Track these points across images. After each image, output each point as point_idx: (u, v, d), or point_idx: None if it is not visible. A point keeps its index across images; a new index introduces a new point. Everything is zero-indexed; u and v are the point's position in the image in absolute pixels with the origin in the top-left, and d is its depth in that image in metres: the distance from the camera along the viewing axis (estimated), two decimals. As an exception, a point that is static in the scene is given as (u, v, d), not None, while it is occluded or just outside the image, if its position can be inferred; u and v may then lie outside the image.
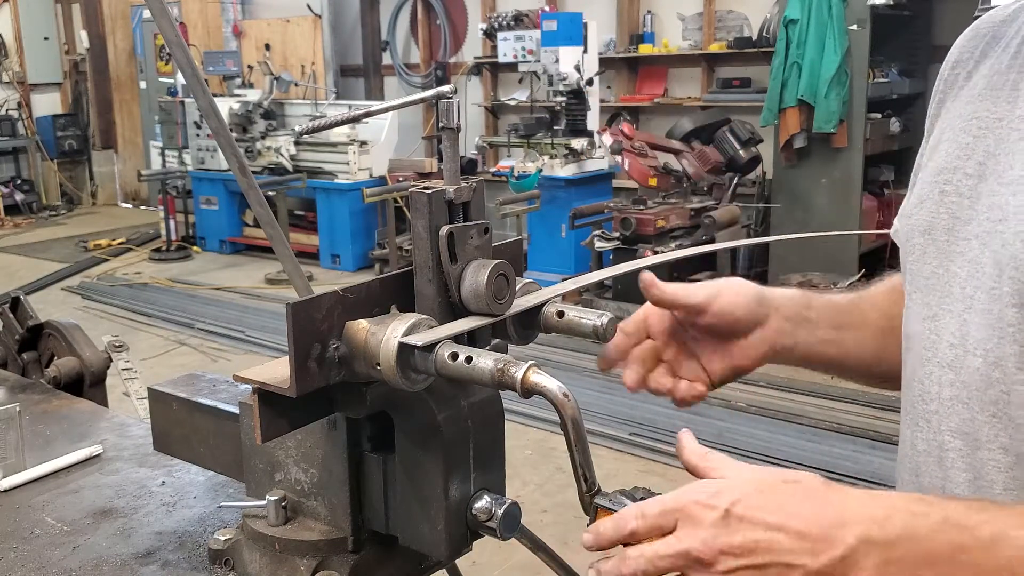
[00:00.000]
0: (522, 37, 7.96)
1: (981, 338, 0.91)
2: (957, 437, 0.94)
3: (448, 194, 0.99)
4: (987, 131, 0.97)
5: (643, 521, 0.81)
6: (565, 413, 0.88)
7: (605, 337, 1.05)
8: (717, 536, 0.76)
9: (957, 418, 0.94)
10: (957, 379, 0.94)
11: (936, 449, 0.97)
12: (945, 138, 1.03)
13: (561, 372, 5.64)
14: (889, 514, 0.74)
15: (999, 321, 0.89)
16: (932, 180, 1.02)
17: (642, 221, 6.06)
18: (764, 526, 0.75)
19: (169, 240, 9.76)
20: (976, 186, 0.96)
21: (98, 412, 1.71)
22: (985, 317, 0.91)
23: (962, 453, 0.94)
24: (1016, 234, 0.88)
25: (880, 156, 6.64)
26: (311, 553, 1.07)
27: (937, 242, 0.99)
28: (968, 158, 0.98)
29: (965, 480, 0.93)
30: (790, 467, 4.37)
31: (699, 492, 0.81)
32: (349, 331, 0.94)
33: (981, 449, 0.92)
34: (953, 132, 1.02)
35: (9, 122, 12.88)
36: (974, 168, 0.97)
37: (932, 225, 1.00)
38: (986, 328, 0.91)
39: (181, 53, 1.21)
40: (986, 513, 0.72)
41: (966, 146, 0.99)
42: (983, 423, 0.91)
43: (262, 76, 9.75)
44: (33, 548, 1.21)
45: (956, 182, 0.98)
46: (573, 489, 0.91)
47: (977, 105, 1.00)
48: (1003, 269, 0.89)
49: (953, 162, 0.99)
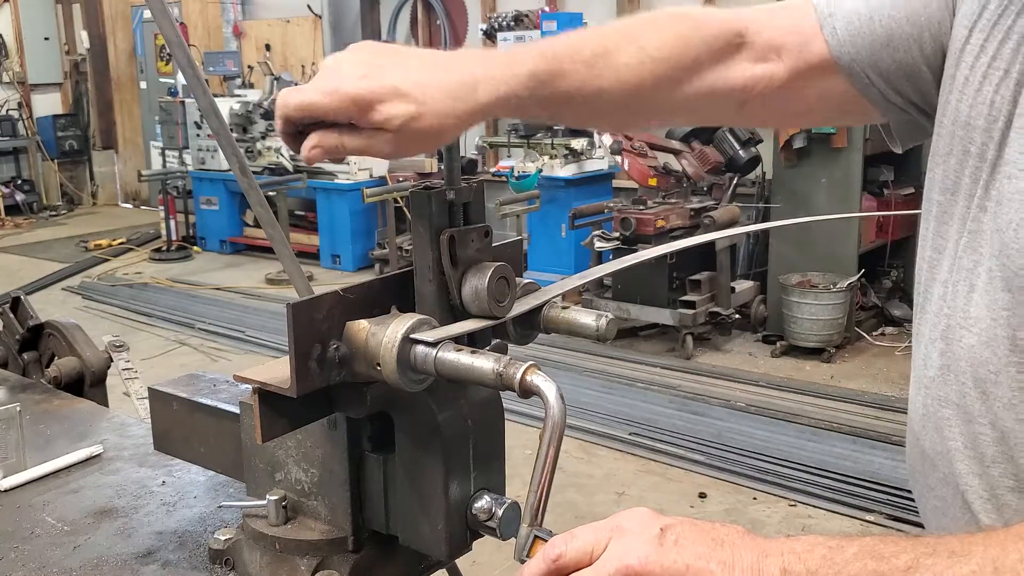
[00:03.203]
0: (522, 37, 7.95)
1: (977, 316, 0.93)
2: (948, 406, 0.96)
3: (448, 194, 0.99)
4: (1012, 93, 0.91)
5: (573, 541, 0.80)
6: (552, 417, 0.85)
7: (605, 337, 1.05)
8: (651, 555, 0.76)
9: (948, 388, 0.96)
10: (948, 350, 0.96)
11: (933, 416, 0.99)
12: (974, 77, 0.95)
13: (561, 372, 5.64)
14: (809, 547, 0.76)
15: (994, 302, 0.91)
16: (956, 133, 0.97)
17: (642, 221, 6.06)
18: (694, 554, 0.76)
19: (169, 240, 9.76)
20: (997, 159, 0.92)
21: (98, 412, 1.71)
22: (982, 296, 0.92)
23: (953, 423, 0.96)
24: (1008, 221, 0.89)
25: (880, 156, 6.62)
26: (311, 553, 1.07)
27: (957, 206, 0.97)
28: (995, 120, 0.93)
29: (960, 448, 0.96)
30: (790, 467, 4.38)
31: (631, 515, 0.81)
32: (349, 331, 0.94)
33: (973, 422, 0.94)
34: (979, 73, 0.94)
35: (9, 122, 12.88)
36: (1000, 133, 0.92)
37: (955, 186, 0.97)
38: (983, 307, 0.92)
39: (181, 53, 1.21)
40: (898, 545, 0.74)
41: (992, 104, 0.93)
42: (974, 398, 0.93)
43: (262, 76, 9.75)
44: (34, 548, 1.21)
45: (980, 144, 0.94)
46: (573, 489, 0.90)
47: (1002, 49, 0.93)
48: (999, 251, 0.90)
49: (978, 120, 0.94)
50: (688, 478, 4.42)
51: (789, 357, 6.06)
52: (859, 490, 4.14)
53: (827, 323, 5.91)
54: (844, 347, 6.07)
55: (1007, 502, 0.94)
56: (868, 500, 4.07)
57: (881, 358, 6.02)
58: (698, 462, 4.52)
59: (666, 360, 6.05)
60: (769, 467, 4.40)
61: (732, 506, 4.15)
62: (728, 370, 5.84)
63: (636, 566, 0.75)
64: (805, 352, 6.02)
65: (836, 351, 5.98)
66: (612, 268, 1.27)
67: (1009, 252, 0.88)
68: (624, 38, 1.08)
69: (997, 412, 0.92)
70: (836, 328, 5.94)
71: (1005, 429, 0.91)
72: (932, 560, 0.72)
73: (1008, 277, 0.89)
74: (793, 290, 5.98)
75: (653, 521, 0.79)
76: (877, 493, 4.09)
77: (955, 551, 0.73)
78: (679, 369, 5.88)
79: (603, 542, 0.78)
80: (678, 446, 4.67)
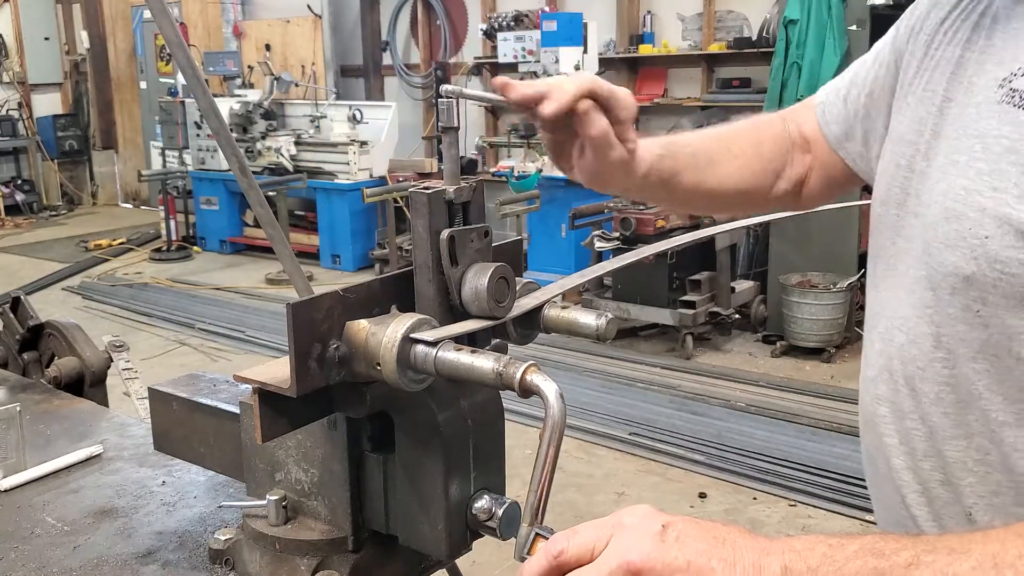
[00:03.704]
0: (522, 37, 7.96)
1: (905, 315, 0.99)
2: (883, 404, 1.03)
3: (448, 194, 0.99)
4: (938, 108, 1.01)
5: (575, 538, 0.79)
6: (552, 417, 0.84)
7: (605, 337, 1.05)
8: (652, 551, 0.76)
9: (884, 386, 1.02)
10: (884, 350, 1.02)
11: (871, 415, 1.05)
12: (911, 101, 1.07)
13: (561, 372, 5.64)
14: (810, 545, 0.76)
15: (919, 301, 0.97)
16: (893, 149, 1.07)
17: (642, 221, 6.07)
18: (695, 551, 0.76)
19: (169, 240, 9.76)
20: (926, 168, 1.00)
21: (98, 412, 1.71)
22: (910, 296, 0.99)
23: (888, 420, 1.02)
24: (931, 222, 0.95)
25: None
26: (311, 553, 1.07)
27: (889, 215, 1.05)
28: (921, 134, 1.02)
29: (895, 444, 1.01)
30: (790, 467, 4.38)
31: (632, 512, 0.81)
32: (349, 331, 0.94)
33: (905, 419, 1.00)
34: (916, 97, 1.06)
35: (9, 122, 12.88)
36: (925, 145, 1.01)
37: (888, 197, 1.06)
38: (909, 306, 0.98)
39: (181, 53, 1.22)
40: (899, 543, 0.75)
41: (920, 120, 1.03)
42: (906, 395, 0.99)
43: (262, 76, 9.75)
44: (34, 548, 1.21)
45: (909, 156, 1.03)
46: (573, 489, 0.90)
47: (933, 75, 1.04)
48: (923, 252, 0.96)
49: (908, 135, 1.04)
50: (688, 478, 4.42)
51: (789, 357, 6.07)
52: (859, 490, 4.13)
53: (827, 323, 5.91)
54: (844, 347, 6.07)
55: (937, 495, 0.98)
56: (868, 500, 4.04)
57: (881, 358, 6.02)
58: (698, 462, 4.53)
59: (666, 360, 6.05)
60: (769, 467, 4.40)
61: (732, 506, 4.16)
62: (728, 370, 5.85)
63: (638, 562, 0.75)
64: (805, 352, 6.02)
65: (836, 351, 5.98)
66: (612, 266, 1.27)
67: (931, 251, 0.95)
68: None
69: (925, 407, 0.97)
70: (836, 328, 5.94)
71: (933, 424, 0.96)
72: (932, 557, 0.73)
73: (931, 275, 0.95)
74: (793, 290, 5.98)
75: (655, 518, 0.79)
76: (877, 493, 4.09)
77: (954, 548, 0.73)
78: (679, 369, 5.88)
79: (604, 539, 0.78)
80: (678, 446, 4.67)
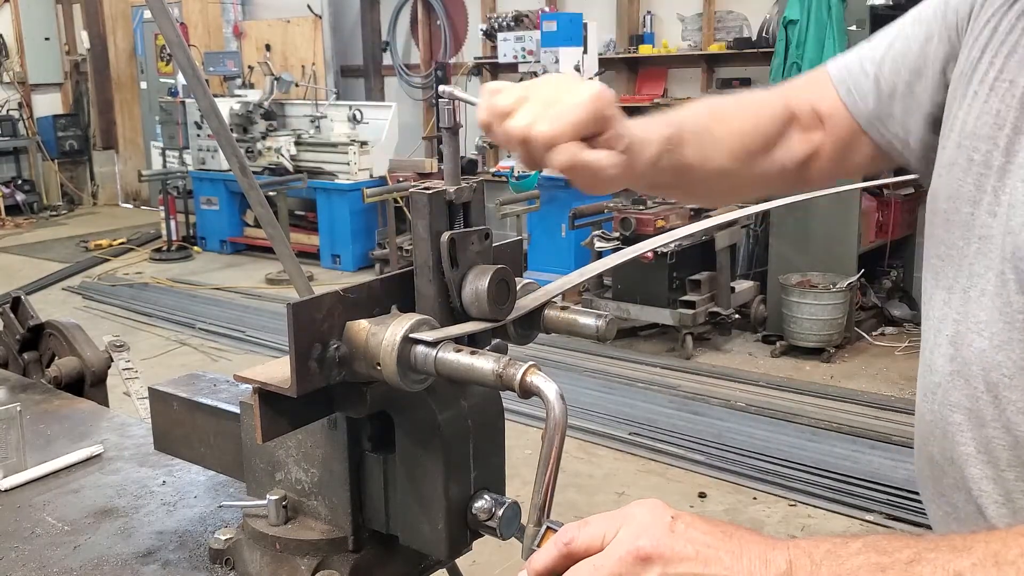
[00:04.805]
0: (522, 38, 7.95)
1: (988, 320, 0.93)
2: (958, 412, 0.97)
3: (448, 194, 0.99)
4: (1020, 102, 0.94)
5: (585, 528, 0.80)
6: (553, 418, 0.84)
7: (605, 337, 1.05)
8: (662, 539, 0.77)
9: (958, 393, 0.96)
10: (958, 355, 0.96)
11: (941, 422, 0.99)
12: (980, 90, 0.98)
13: (561, 372, 5.64)
14: (815, 543, 0.77)
15: (1007, 306, 0.91)
16: (961, 143, 0.99)
17: (642, 221, 6.07)
18: (704, 542, 0.77)
19: (170, 240, 9.76)
20: (1006, 164, 0.94)
21: (99, 412, 1.71)
22: (994, 300, 0.92)
23: (964, 428, 0.96)
24: (1021, 224, 0.89)
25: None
26: (311, 552, 1.07)
27: (961, 212, 0.98)
28: (1000, 128, 0.95)
29: (973, 453, 0.96)
30: (790, 467, 4.38)
31: (641, 504, 0.82)
32: (349, 331, 0.94)
33: (986, 427, 0.94)
34: (987, 86, 0.97)
35: (10, 122, 12.88)
36: (1005, 140, 0.94)
37: (958, 193, 0.99)
38: (993, 310, 0.92)
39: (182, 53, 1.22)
40: (901, 541, 0.76)
41: (997, 113, 0.96)
42: (987, 402, 0.93)
43: (262, 76, 9.75)
44: (34, 548, 1.21)
45: (985, 152, 0.96)
46: (573, 489, 0.90)
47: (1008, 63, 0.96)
48: (1012, 254, 0.90)
49: (983, 129, 0.97)
50: (688, 478, 4.42)
51: (789, 357, 6.06)
52: (859, 490, 4.14)
53: (827, 323, 5.91)
54: (844, 347, 6.07)
55: (1022, 506, 0.93)
56: (868, 500, 4.07)
57: (881, 358, 6.02)
58: (698, 462, 4.52)
59: (666, 360, 6.05)
60: (769, 467, 4.40)
61: (732, 506, 4.16)
62: (728, 370, 5.85)
63: (648, 548, 0.76)
64: (805, 352, 6.02)
65: (836, 351, 5.98)
66: (611, 263, 1.27)
67: (1022, 254, 0.89)
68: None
69: (1010, 416, 0.91)
70: (836, 328, 5.94)
71: (1019, 434, 0.91)
72: (934, 554, 0.73)
73: (1021, 279, 0.89)
74: (793, 290, 5.98)
75: (664, 510, 0.80)
76: (877, 493, 4.09)
77: (957, 546, 0.74)
78: (679, 369, 5.88)
79: (614, 529, 0.79)
80: (678, 446, 4.66)
